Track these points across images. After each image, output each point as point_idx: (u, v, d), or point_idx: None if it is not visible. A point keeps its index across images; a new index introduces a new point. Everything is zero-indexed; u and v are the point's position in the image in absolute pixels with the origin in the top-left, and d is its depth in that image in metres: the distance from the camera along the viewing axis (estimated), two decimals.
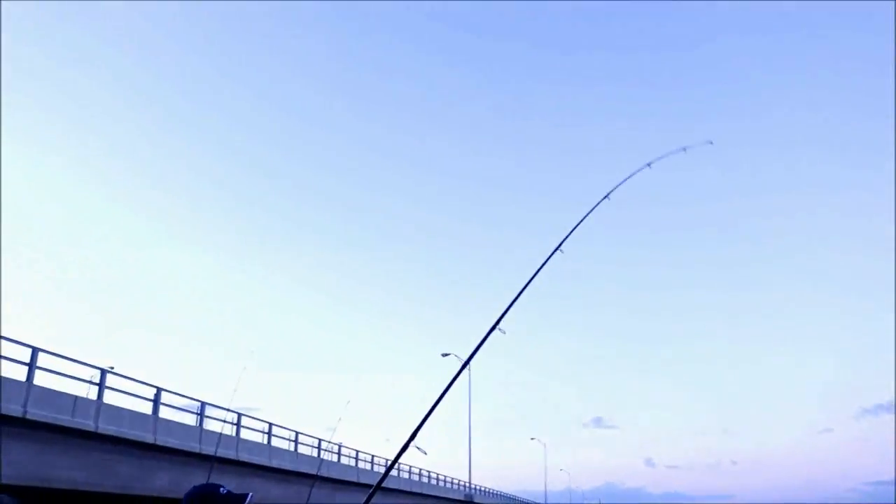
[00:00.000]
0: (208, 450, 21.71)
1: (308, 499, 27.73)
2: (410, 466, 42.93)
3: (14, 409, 15.18)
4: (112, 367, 18.77)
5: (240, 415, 25.17)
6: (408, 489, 41.21)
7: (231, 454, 23.63)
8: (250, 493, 2.85)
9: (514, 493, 77.14)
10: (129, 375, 19.97)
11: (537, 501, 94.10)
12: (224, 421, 23.89)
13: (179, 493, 23.00)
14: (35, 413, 15.69)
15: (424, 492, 44.41)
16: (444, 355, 67.46)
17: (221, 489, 2.79)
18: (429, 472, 46.65)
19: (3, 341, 15.55)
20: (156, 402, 20.54)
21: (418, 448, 2.95)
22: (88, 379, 17.97)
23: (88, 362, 18.15)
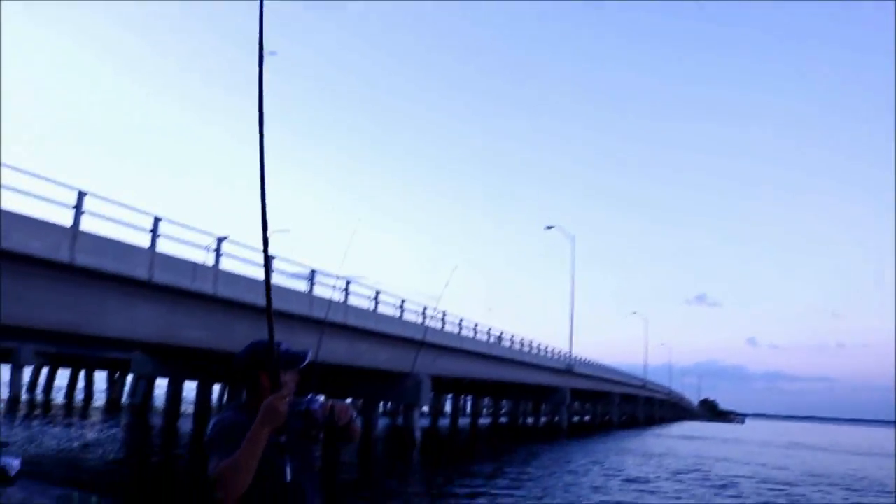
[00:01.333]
0: (318, 314, 22.77)
1: (414, 364, 28.95)
2: (512, 336, 43.86)
3: (140, 273, 16.28)
4: (227, 237, 19.68)
5: (348, 281, 26.14)
6: (507, 357, 42.25)
7: (339, 319, 24.72)
8: (309, 350, 2.84)
9: (613, 366, 78.20)
10: (244, 243, 20.96)
11: (636, 374, 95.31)
12: (333, 287, 24.92)
13: None
14: (159, 277, 16.79)
15: (524, 360, 45.47)
16: (549, 228, 67.58)
17: (282, 345, 2.76)
18: (530, 341, 47.61)
19: (127, 210, 16.53)
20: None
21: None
22: (206, 247, 18.97)
23: (206, 230, 19.15)
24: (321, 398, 2.69)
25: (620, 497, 20.98)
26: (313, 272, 24.07)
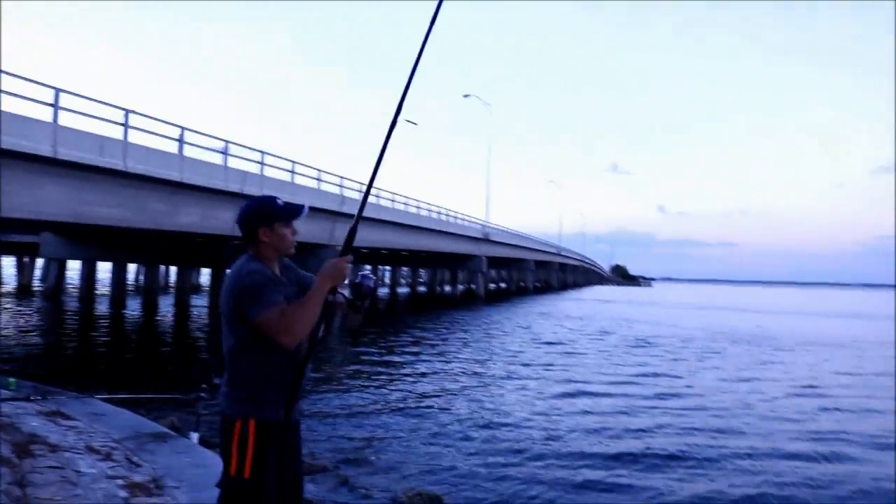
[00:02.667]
0: (234, 187, 22.44)
1: (331, 235, 28.99)
2: (429, 204, 44.10)
3: (45, 150, 15.58)
4: (134, 109, 18.88)
5: (263, 153, 25.57)
6: (425, 226, 42.66)
7: (255, 191, 24.37)
8: (306, 205, 3.03)
9: (529, 234, 79.96)
10: (153, 115, 20.17)
11: (551, 242, 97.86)
12: (248, 160, 24.45)
13: (208, 229, 23.95)
14: (65, 153, 16.09)
15: (441, 229, 46.02)
16: (466, 96, 67.23)
17: (278, 200, 2.94)
18: (447, 209, 48.05)
19: (28, 83, 15.60)
20: (181, 141, 20.88)
21: (408, 120, 2.92)
22: (112, 120, 18.16)
23: (111, 103, 18.28)
24: (372, 276, 2.98)
25: (539, 358, 22.02)
26: (227, 144, 23.48)
